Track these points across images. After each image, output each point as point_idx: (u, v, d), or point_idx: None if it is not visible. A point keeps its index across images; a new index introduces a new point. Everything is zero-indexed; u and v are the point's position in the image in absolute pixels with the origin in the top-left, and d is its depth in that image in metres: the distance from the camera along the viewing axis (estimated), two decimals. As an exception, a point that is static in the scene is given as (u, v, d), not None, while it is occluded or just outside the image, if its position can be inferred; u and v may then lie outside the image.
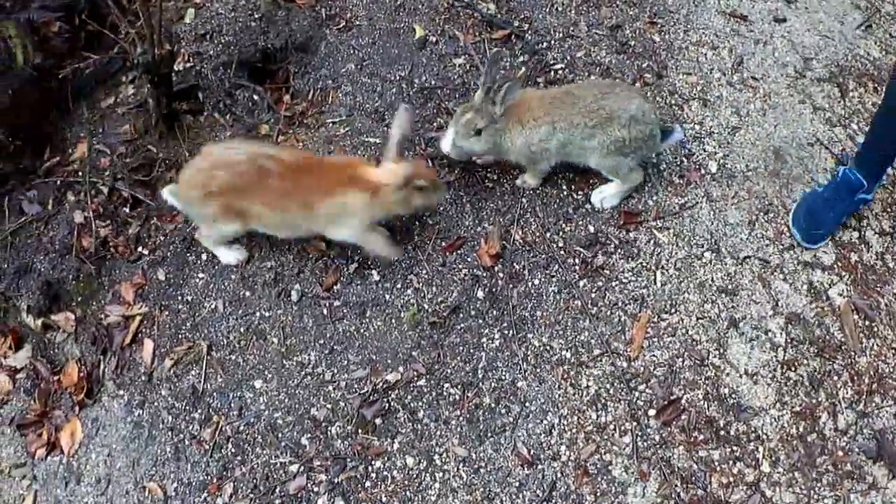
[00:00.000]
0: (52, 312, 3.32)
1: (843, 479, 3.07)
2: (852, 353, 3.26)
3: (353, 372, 3.07)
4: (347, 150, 3.43)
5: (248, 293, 3.22)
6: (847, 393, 3.19)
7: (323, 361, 3.10)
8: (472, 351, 3.11)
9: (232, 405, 3.04)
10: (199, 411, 3.06)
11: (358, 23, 3.76)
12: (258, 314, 3.18)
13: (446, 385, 3.07)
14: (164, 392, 3.09)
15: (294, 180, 2.97)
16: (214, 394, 3.07)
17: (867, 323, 3.33)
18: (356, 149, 3.43)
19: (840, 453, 3.09)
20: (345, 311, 3.17)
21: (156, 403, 3.07)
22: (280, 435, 2.98)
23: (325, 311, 3.17)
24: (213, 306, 3.21)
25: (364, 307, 3.16)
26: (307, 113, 3.53)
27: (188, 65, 3.69)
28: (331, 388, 3.06)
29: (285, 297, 3.21)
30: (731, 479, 3.04)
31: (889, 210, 3.60)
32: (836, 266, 3.43)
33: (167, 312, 3.24)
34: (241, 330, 3.16)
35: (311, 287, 3.21)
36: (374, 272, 3.22)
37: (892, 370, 3.26)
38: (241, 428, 3.00)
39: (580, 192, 3.45)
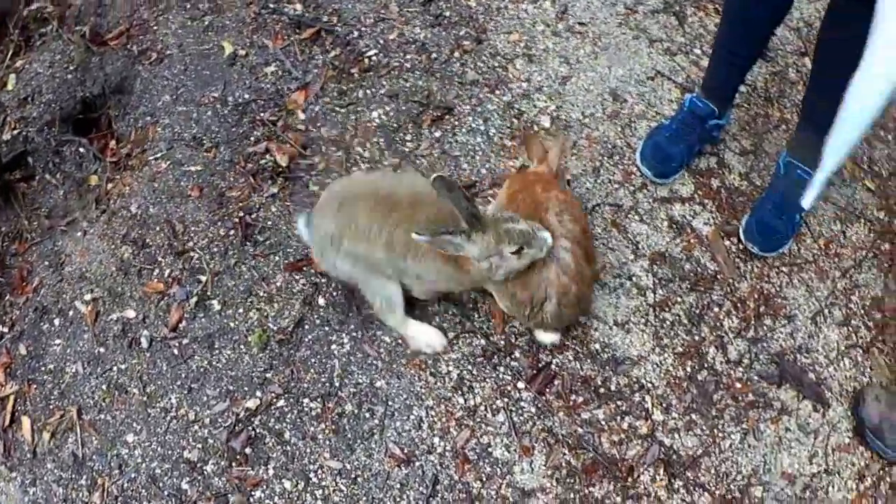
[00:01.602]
0: (-61, 407, 3.21)
1: (747, 410, 3.05)
2: (730, 281, 3.19)
3: (213, 407, 3.03)
4: (169, 181, 3.37)
5: (102, 350, 3.20)
6: (733, 322, 3.12)
7: (184, 402, 3.05)
8: (324, 361, 3.06)
9: (112, 464, 3.01)
10: (85, 477, 3.03)
11: (169, 52, 3.74)
12: (115, 368, 3.15)
13: (306, 400, 3.02)
14: (50, 465, 3.06)
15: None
16: (94, 457, 3.04)
17: (741, 246, 3.23)
18: (178, 180, 3.37)
19: (738, 385, 3.04)
20: (194, 347, 3.13)
21: (45, 478, 3.05)
22: (161, 484, 2.94)
23: (175, 352, 3.13)
24: (73, 370, 3.19)
25: (212, 339, 3.12)
26: (132, 154, 3.51)
27: (14, 132, 3.66)
28: (197, 427, 3.01)
29: (136, 345, 3.18)
30: (623, 435, 3.00)
31: (748, 128, 3.54)
32: (696, 196, 3.36)
33: (35, 385, 3.22)
34: (104, 388, 3.13)
35: (158, 330, 3.17)
36: (214, 302, 3.18)
37: (778, 289, 3.19)
38: (125, 485, 2.98)
39: (408, 177, 3.38)
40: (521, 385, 3.06)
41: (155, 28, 3.81)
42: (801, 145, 3.25)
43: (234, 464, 2.97)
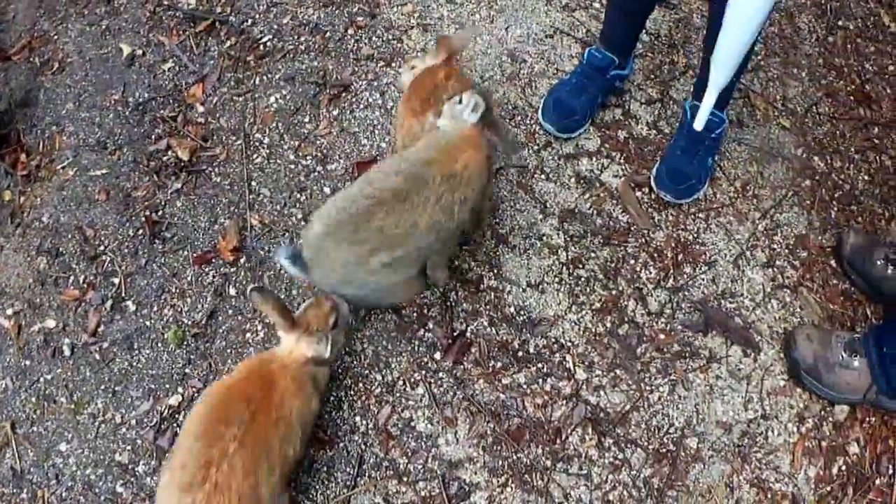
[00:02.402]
0: None
1: (673, 361, 2.99)
2: (645, 232, 3.13)
3: (138, 407, 3.01)
4: (77, 188, 3.33)
5: (27, 362, 3.17)
6: (651, 273, 3.06)
7: (110, 406, 3.02)
8: (240, 350, 3.03)
9: (49, 475, 2.99)
10: (25, 490, 3.00)
11: (70, 60, 3.70)
12: (42, 379, 3.12)
13: (225, 392, 2.93)
14: (-8, 484, 3.01)
15: None
16: (31, 469, 3.01)
17: (654, 195, 3.16)
18: (86, 186, 3.33)
19: (662, 336, 2.98)
20: (115, 350, 3.10)
21: (-11, 497, 2.97)
22: (97, 490, 2.92)
23: (97, 357, 3.11)
24: (3, 386, 3.16)
25: (131, 340, 3.09)
26: (41, 165, 3.47)
27: (-71, 159, 3.63)
28: (124, 429, 2.99)
29: (59, 354, 3.15)
30: (547, 397, 2.96)
31: (653, 76, 3.47)
32: (603, 149, 3.30)
33: (-33, 405, 3.16)
34: (33, 399, 3.10)
35: (78, 336, 3.15)
36: (129, 303, 3.15)
37: (695, 236, 3.13)
38: (63, 494, 2.95)
39: (308, 158, 3.33)
40: (437, 356, 3.02)
41: (55, 38, 3.77)
42: (704, 88, 3.17)
43: (163, 462, 2.90)
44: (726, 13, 2.29)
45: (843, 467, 2.88)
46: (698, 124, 2.59)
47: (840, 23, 3.87)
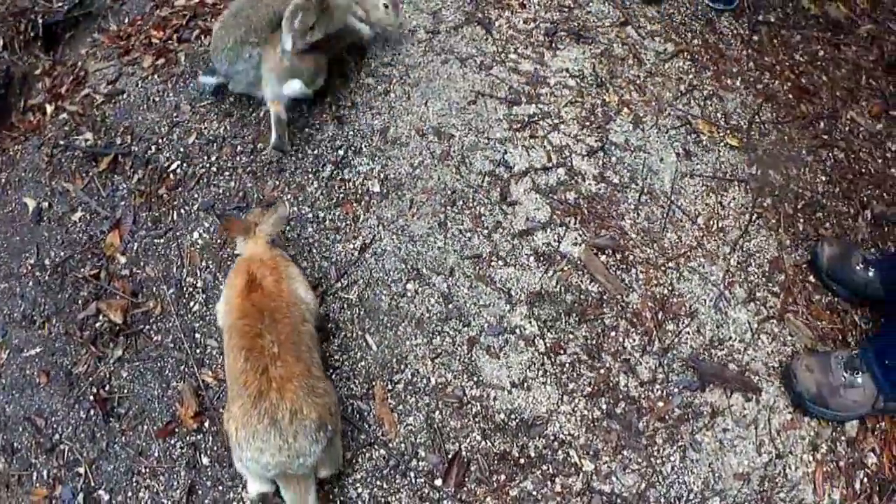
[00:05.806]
0: None
1: (678, 426, 2.58)
2: (619, 297, 2.57)
3: None
4: (14, 373, 2.67)
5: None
6: (634, 341, 2.65)
7: None
8: (228, 523, 2.41)
9: None
10: None
11: (-24, 225, 2.97)
12: None
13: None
14: None
15: None
16: None
17: (619, 255, 2.58)
18: (23, 369, 2.68)
19: (661, 404, 2.61)
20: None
21: None
22: None
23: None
24: None
25: (107, 526, 2.46)
26: (-28, 346, 2.78)
27: None
28: None
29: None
30: (560, 498, 2.51)
31: (588, 122, 2.82)
32: (555, 216, 2.73)
33: None
34: None
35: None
36: (101, 492, 2.63)
37: (671, 289, 2.65)
38: None
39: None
40: (437, 483, 2.53)
41: (-45, 199, 3.03)
42: None
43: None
44: None
45: (865, 479, 2.52)
46: None
47: (760, 17, 3.29)
